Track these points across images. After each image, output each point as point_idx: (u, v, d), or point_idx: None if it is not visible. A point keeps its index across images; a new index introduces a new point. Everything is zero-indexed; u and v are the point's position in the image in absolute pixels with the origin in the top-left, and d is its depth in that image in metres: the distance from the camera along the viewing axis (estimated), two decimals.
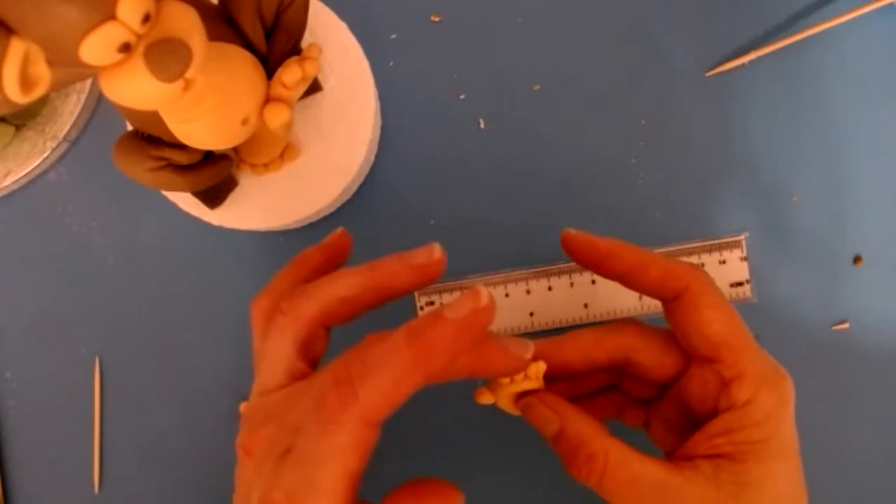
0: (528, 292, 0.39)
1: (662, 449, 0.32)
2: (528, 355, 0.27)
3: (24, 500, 0.40)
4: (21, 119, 0.40)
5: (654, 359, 0.30)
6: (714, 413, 0.28)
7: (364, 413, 0.22)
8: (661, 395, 0.31)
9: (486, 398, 0.30)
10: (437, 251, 0.27)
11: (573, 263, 0.39)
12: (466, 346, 0.23)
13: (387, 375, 0.23)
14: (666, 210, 0.40)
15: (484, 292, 0.23)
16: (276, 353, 0.26)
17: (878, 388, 0.39)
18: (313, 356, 0.27)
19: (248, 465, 0.24)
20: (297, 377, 0.26)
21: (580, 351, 0.30)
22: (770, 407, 0.27)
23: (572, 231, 0.30)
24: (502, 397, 0.30)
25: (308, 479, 0.22)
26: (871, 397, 0.39)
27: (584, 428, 0.28)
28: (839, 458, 0.39)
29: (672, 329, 0.30)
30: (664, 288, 0.29)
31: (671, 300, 0.29)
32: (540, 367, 0.28)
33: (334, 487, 0.22)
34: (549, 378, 0.29)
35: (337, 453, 0.22)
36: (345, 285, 0.26)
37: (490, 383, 0.29)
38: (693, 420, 0.29)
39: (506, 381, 0.28)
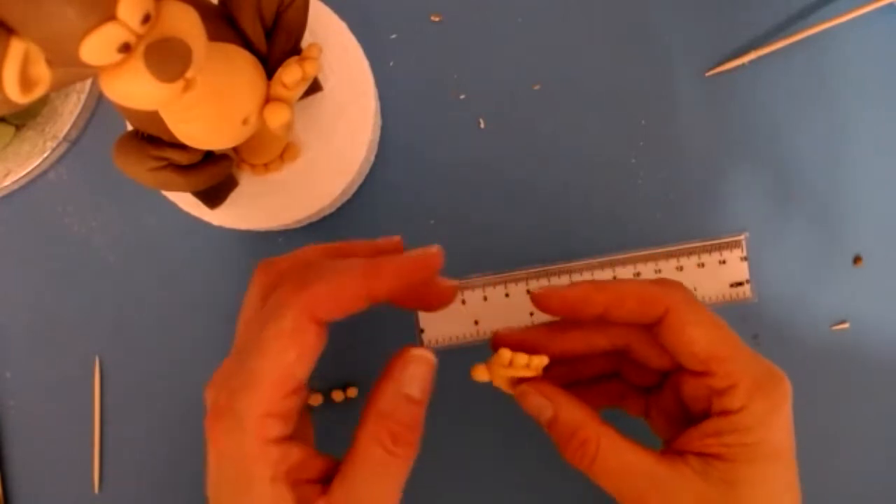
0: (528, 292, 0.39)
1: (662, 438, 0.32)
2: (453, 294, 0.30)
3: (24, 500, 0.40)
4: (21, 119, 0.40)
5: (654, 350, 0.30)
6: (707, 413, 0.28)
7: (309, 302, 0.25)
8: (662, 385, 0.32)
9: (481, 376, 0.30)
10: (434, 247, 0.28)
11: (572, 263, 0.39)
12: (408, 280, 0.27)
13: (336, 279, 0.25)
14: (666, 210, 0.40)
15: (435, 247, 0.28)
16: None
17: (878, 388, 0.39)
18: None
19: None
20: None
21: (583, 337, 0.31)
22: (763, 412, 0.27)
23: (537, 291, 0.30)
24: (497, 378, 0.30)
25: (250, 371, 0.24)
26: (870, 397, 0.39)
27: (577, 414, 0.28)
28: (839, 457, 0.39)
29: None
30: (645, 316, 0.29)
31: (654, 325, 0.29)
32: (542, 361, 0.29)
33: (272, 377, 0.24)
34: (551, 362, 0.30)
35: (278, 339, 0.24)
36: (355, 278, 0.26)
37: (489, 363, 0.30)
38: (690, 413, 0.30)
39: (505, 364, 0.29)
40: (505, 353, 0.29)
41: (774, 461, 0.27)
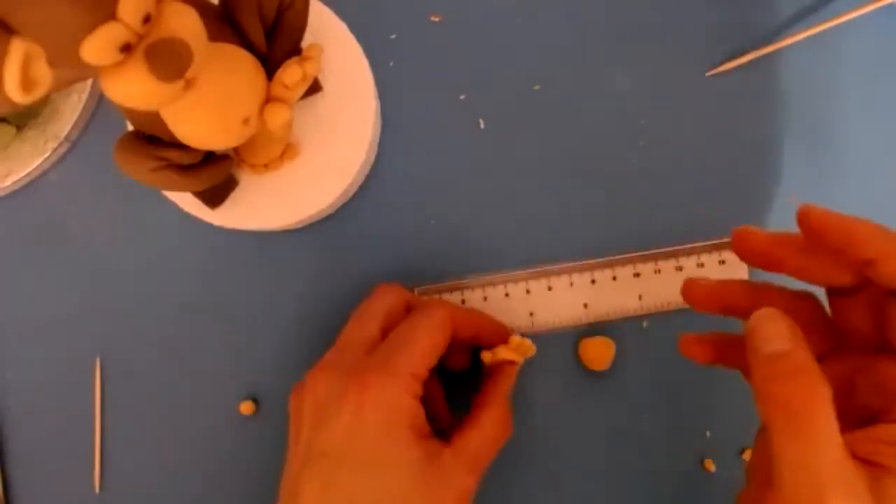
0: (528, 292, 0.39)
1: None
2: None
3: (24, 500, 0.40)
4: (22, 119, 0.40)
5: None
6: (889, 414, 0.24)
7: (450, 310, 0.33)
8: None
9: (486, 358, 0.36)
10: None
11: (572, 263, 0.39)
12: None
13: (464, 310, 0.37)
14: (666, 210, 0.40)
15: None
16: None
17: None
18: None
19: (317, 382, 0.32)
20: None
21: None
22: None
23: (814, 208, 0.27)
24: (489, 357, 0.36)
25: (405, 340, 0.31)
26: None
27: (811, 359, 0.24)
28: None
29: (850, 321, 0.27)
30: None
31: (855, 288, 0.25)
32: (529, 350, 0.35)
33: (423, 345, 0.31)
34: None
35: (431, 322, 0.32)
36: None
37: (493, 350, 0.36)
38: (867, 410, 0.25)
39: (513, 347, 0.35)
40: (511, 340, 0.35)
41: None
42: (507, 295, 0.39)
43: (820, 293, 0.29)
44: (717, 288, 0.30)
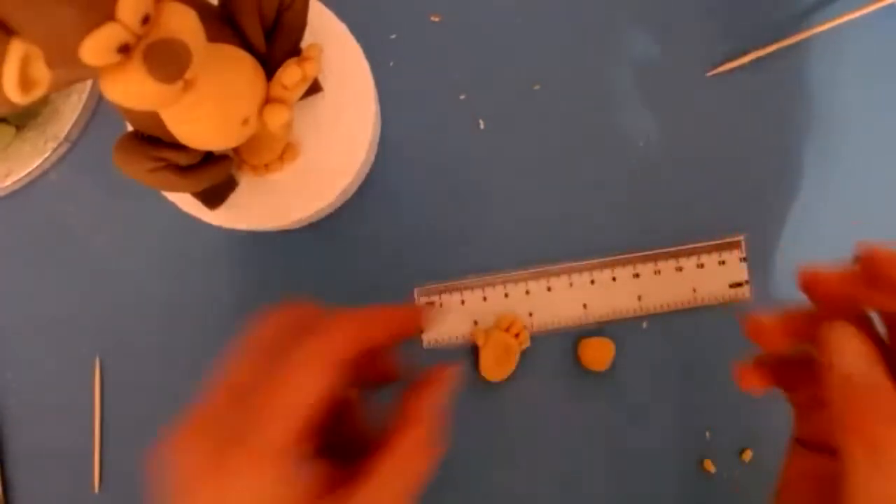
0: (527, 292, 0.39)
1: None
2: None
3: (24, 500, 0.40)
4: (22, 120, 0.40)
5: None
6: None
7: (327, 342, 0.25)
8: None
9: (480, 339, 0.38)
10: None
11: (572, 264, 0.39)
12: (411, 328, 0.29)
13: (354, 320, 0.26)
14: (666, 210, 0.39)
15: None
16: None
17: None
18: None
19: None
20: None
21: None
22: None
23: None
24: (491, 339, 0.38)
25: (267, 405, 0.24)
26: None
27: (892, 392, 0.22)
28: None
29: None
30: None
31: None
32: (523, 342, 0.37)
33: (294, 408, 0.24)
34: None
35: (301, 369, 0.24)
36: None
37: (486, 331, 0.38)
38: None
39: (503, 328, 0.38)
40: (506, 318, 0.38)
41: None
42: (506, 295, 0.39)
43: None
44: (782, 323, 0.27)
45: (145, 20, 0.23)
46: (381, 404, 0.29)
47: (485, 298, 0.39)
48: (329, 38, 0.36)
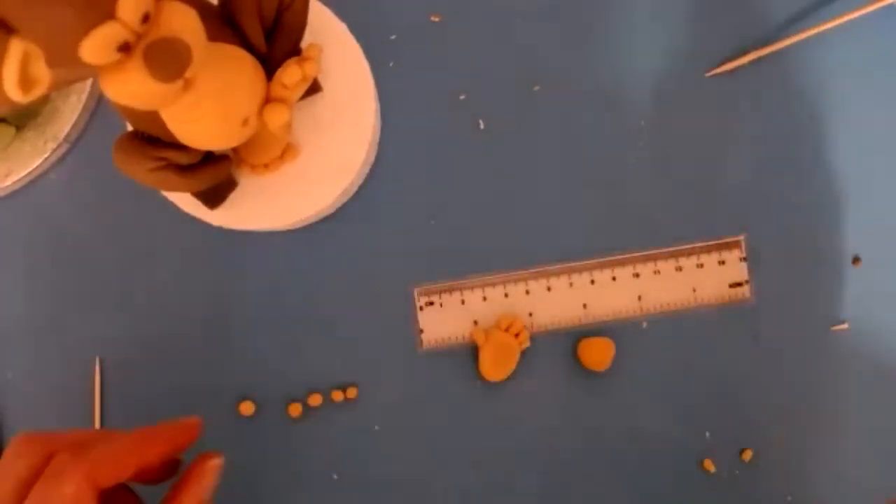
0: (527, 292, 0.39)
1: None
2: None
3: None
4: (22, 120, 0.40)
5: None
6: None
7: (90, 469, 0.25)
8: None
9: (479, 339, 0.38)
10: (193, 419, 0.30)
11: (572, 264, 0.39)
12: (177, 445, 0.30)
13: (114, 445, 0.27)
14: (666, 210, 0.39)
15: (194, 417, 0.31)
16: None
17: (877, 389, 0.39)
18: None
19: None
20: None
21: None
22: None
23: None
24: (492, 340, 0.38)
25: None
26: (870, 398, 0.39)
27: None
28: (838, 457, 0.39)
29: None
30: None
31: None
32: (523, 342, 0.38)
33: None
34: None
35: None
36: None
37: (488, 329, 0.38)
38: None
39: (503, 328, 0.38)
40: (506, 318, 0.38)
41: None
42: (506, 295, 0.39)
43: None
44: None
45: (145, 19, 0.23)
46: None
47: (485, 298, 0.39)
48: (329, 38, 0.36)
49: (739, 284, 0.39)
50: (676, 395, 0.39)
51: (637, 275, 0.39)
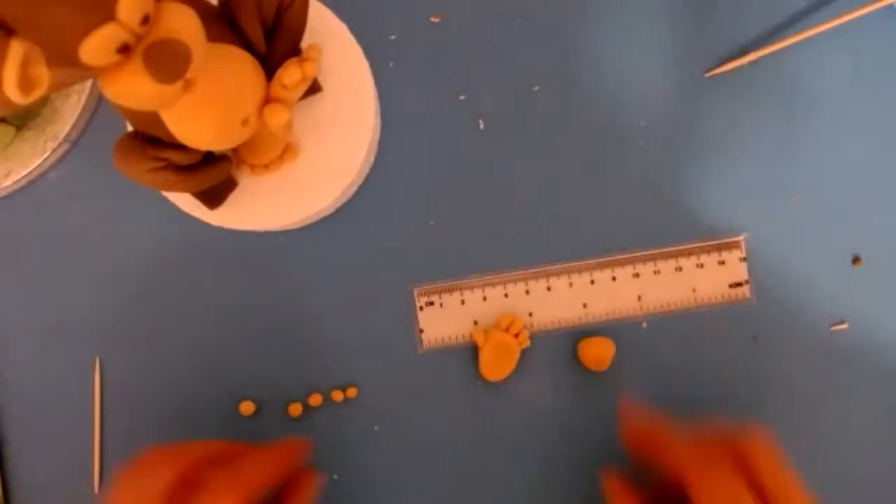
0: (527, 292, 0.39)
1: None
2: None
3: (24, 499, 0.40)
4: (22, 120, 0.40)
5: None
6: None
7: (244, 488, 0.28)
8: None
9: (479, 339, 0.38)
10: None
11: (572, 263, 0.39)
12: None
13: (262, 464, 0.30)
14: (666, 210, 0.40)
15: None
16: None
17: (877, 389, 0.39)
18: None
19: None
20: None
21: None
22: None
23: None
24: (491, 339, 0.38)
25: None
26: (870, 397, 0.39)
27: None
28: (838, 457, 0.39)
29: None
30: None
31: None
32: (523, 342, 0.38)
33: None
34: None
35: None
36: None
37: (487, 329, 0.38)
38: None
39: (503, 328, 0.38)
40: (506, 318, 0.38)
41: None
42: (506, 295, 0.39)
43: None
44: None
45: (145, 20, 0.23)
46: None
47: (485, 298, 0.39)
48: (329, 38, 0.36)
49: (739, 284, 0.39)
50: (676, 395, 0.39)
51: (637, 275, 0.39)
